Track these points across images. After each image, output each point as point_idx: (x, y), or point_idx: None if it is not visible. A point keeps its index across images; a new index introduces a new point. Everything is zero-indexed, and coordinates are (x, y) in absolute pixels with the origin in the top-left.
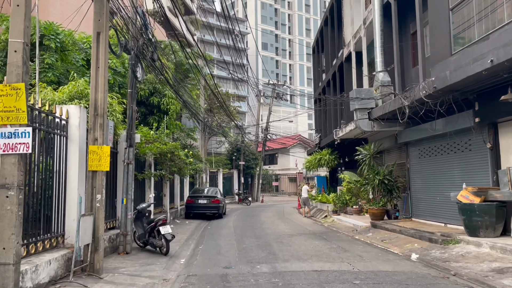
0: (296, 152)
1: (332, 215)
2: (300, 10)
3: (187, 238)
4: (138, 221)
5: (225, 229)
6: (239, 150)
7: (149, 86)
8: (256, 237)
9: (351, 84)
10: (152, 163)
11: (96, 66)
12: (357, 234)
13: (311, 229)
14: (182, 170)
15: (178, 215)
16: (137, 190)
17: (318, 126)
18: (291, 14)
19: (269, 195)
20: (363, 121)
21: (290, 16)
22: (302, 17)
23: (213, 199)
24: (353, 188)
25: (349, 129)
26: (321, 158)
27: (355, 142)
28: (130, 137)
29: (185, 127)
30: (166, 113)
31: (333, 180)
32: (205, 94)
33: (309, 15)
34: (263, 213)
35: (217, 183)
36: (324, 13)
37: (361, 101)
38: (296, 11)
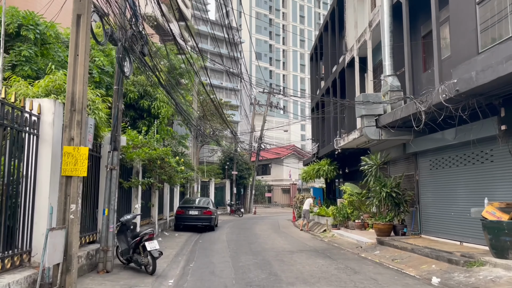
0: (290, 162)
1: (332, 230)
2: (295, 21)
3: (177, 253)
4: (122, 234)
5: (218, 243)
6: (232, 159)
7: (139, 88)
8: (253, 253)
9: (353, 90)
10: (140, 170)
11: (75, 53)
12: (363, 252)
13: (312, 245)
14: (172, 179)
15: (167, 227)
16: (122, 200)
17: (315, 135)
18: (286, 24)
19: (262, 207)
20: (370, 129)
21: (285, 26)
22: (296, 28)
23: (204, 210)
24: (355, 201)
25: (352, 137)
26: (319, 168)
27: (356, 153)
28: (114, 139)
29: (177, 134)
30: (156, 117)
31: (330, 192)
32: (198, 99)
33: (304, 26)
34: (257, 226)
35: (208, 193)
36: (324, 18)
37: (368, 107)
38: (291, 22)
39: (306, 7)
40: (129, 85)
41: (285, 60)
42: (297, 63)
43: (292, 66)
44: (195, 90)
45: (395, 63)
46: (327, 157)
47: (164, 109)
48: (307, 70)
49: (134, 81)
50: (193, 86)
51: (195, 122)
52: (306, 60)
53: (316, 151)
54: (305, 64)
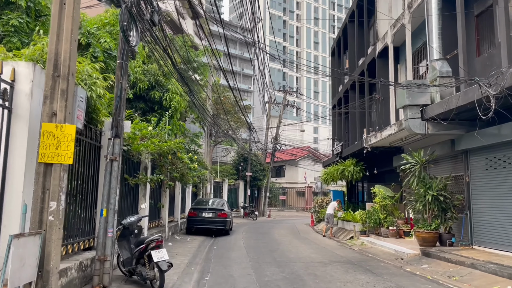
0: (305, 164)
1: (360, 237)
2: (309, 23)
3: (189, 262)
4: (124, 240)
5: (236, 250)
6: (246, 159)
7: (150, 78)
8: (278, 264)
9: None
10: (148, 165)
11: (61, 1)
12: (407, 265)
13: (343, 255)
14: (185, 177)
15: (178, 230)
16: (127, 199)
17: (337, 134)
18: (300, 26)
19: (276, 210)
20: (415, 122)
21: (299, 28)
22: (310, 30)
23: (219, 212)
24: (388, 206)
25: (388, 133)
26: (344, 169)
27: (387, 152)
28: (116, 124)
29: (189, 132)
30: (168, 110)
31: (352, 195)
32: (212, 96)
33: (318, 28)
34: (274, 230)
35: (222, 194)
36: (350, 8)
37: (412, 97)
38: (305, 24)
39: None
40: (139, 74)
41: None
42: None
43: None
44: (210, 82)
45: (444, 45)
46: (352, 157)
47: (176, 99)
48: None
49: (145, 70)
50: (207, 82)
51: (209, 119)
52: (320, 61)
53: (340, 150)
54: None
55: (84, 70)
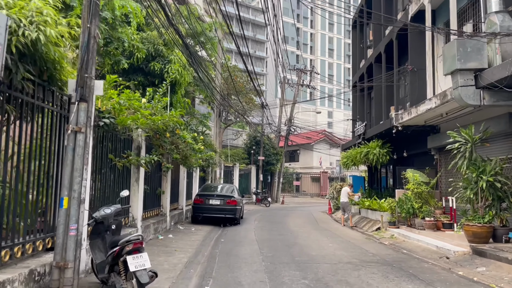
0: (320, 149)
1: (389, 228)
2: (323, 29)
3: (189, 261)
4: (98, 238)
5: (246, 244)
6: (258, 143)
7: (148, 46)
8: (298, 265)
9: (420, 51)
10: (142, 144)
11: None
12: (456, 267)
13: (374, 252)
14: (188, 159)
15: (183, 219)
16: (115, 185)
17: (359, 114)
18: (314, 33)
19: (290, 196)
20: (467, 90)
21: (313, 35)
22: (325, 36)
23: (228, 199)
24: (424, 193)
25: (425, 108)
26: (368, 152)
27: (419, 132)
28: (82, 83)
29: (198, 112)
30: (170, 83)
31: (373, 180)
32: (222, 72)
33: (333, 34)
34: (289, 219)
35: (232, 179)
36: None
37: (465, 59)
38: (319, 30)
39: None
40: (137, 41)
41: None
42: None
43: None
44: (220, 54)
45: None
46: (377, 138)
47: (179, 71)
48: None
49: (143, 37)
50: (216, 59)
51: (218, 97)
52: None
53: (363, 131)
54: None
55: (30, 3)
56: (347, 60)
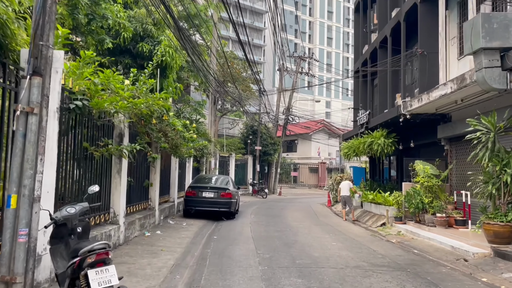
0: (319, 139)
1: (395, 223)
2: (322, 17)
3: (176, 263)
4: (60, 244)
5: (241, 243)
6: (255, 132)
7: (136, 25)
8: (300, 270)
9: (430, 33)
10: (125, 132)
11: None
12: (478, 271)
13: (383, 253)
14: (178, 149)
15: (175, 212)
16: (92, 178)
17: (362, 102)
18: (312, 21)
19: (287, 187)
20: (492, 72)
21: (311, 23)
22: (324, 24)
23: (223, 191)
24: (435, 187)
25: (439, 94)
26: (372, 142)
27: (428, 121)
28: (38, 53)
29: (192, 100)
30: (161, 66)
31: (375, 172)
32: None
33: (332, 22)
34: (288, 212)
35: (228, 170)
36: None
37: (491, 36)
38: (318, 18)
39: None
40: (123, 19)
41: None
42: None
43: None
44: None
45: None
46: (382, 127)
47: (170, 53)
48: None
49: (130, 16)
50: (211, 41)
51: (213, 84)
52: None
53: (366, 120)
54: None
55: None
56: (346, 49)
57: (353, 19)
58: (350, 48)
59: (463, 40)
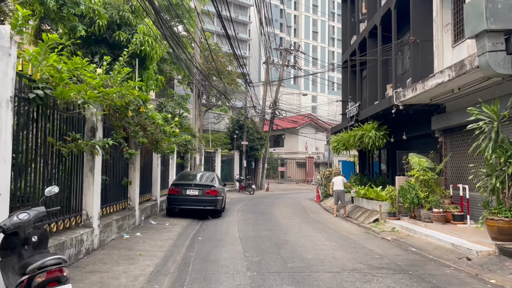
0: (306, 133)
1: (388, 219)
2: (307, 11)
3: (155, 270)
4: (12, 255)
5: (228, 244)
6: (241, 127)
7: (112, 12)
8: (292, 275)
9: (424, 19)
10: (98, 125)
11: None
12: (484, 272)
13: (380, 252)
14: (159, 144)
15: (157, 211)
16: (60, 177)
17: (350, 94)
18: (298, 15)
19: (274, 182)
20: (496, 56)
21: (296, 17)
22: (309, 18)
23: (208, 189)
24: (430, 180)
25: (435, 83)
26: (363, 134)
27: (421, 112)
28: None
29: (175, 94)
30: (139, 57)
31: (364, 166)
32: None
33: (317, 16)
34: (276, 209)
35: (214, 166)
36: None
37: (495, 18)
38: (303, 12)
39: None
40: (98, 5)
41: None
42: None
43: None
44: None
45: None
46: (373, 119)
47: (150, 42)
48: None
49: (106, 2)
50: (194, 32)
51: (197, 77)
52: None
53: (356, 112)
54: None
55: None
56: (331, 43)
57: (341, 8)
58: (336, 42)
59: (457, 27)
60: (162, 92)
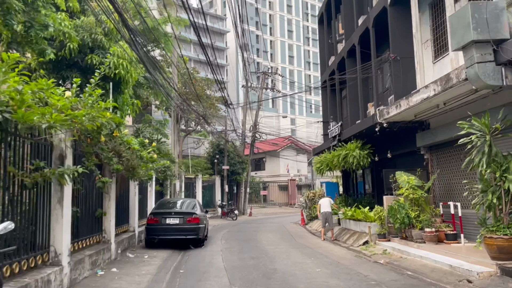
0: (287, 155)
1: (379, 241)
2: (283, 36)
3: None
4: None
5: (212, 277)
6: (222, 151)
7: (84, 35)
8: None
9: (403, 36)
10: (67, 152)
11: None
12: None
13: (375, 277)
14: (135, 171)
15: (135, 243)
16: (25, 211)
17: (331, 114)
18: (273, 40)
19: (257, 206)
20: (485, 68)
21: (272, 42)
22: (285, 43)
23: (189, 217)
24: (421, 199)
25: (420, 98)
26: (347, 154)
27: (406, 129)
28: None
29: (153, 120)
30: (113, 80)
31: (348, 186)
32: (178, 76)
33: (292, 41)
34: (261, 235)
35: (195, 192)
36: None
37: (482, 28)
38: (279, 37)
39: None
40: (68, 28)
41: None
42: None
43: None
44: (175, 54)
45: None
46: (356, 138)
47: (124, 65)
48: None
49: (77, 25)
50: (171, 57)
51: (175, 101)
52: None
53: (338, 132)
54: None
55: None
56: (307, 67)
57: (317, 30)
58: (312, 66)
59: (437, 43)
60: (139, 118)
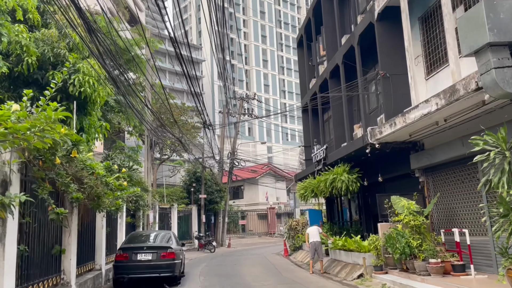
0: (266, 183)
1: (375, 274)
2: (258, 65)
3: None
4: None
5: None
6: (198, 179)
7: (45, 49)
8: None
9: (393, 52)
10: (12, 178)
11: None
12: None
13: None
14: (100, 200)
15: (102, 283)
16: None
17: (314, 137)
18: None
19: (236, 237)
20: (504, 74)
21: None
22: (260, 72)
23: (164, 251)
24: (423, 226)
25: (419, 114)
26: (335, 178)
27: (398, 151)
28: None
29: (126, 146)
30: (78, 99)
31: (333, 214)
32: (153, 99)
33: (267, 70)
34: (243, 268)
35: (170, 224)
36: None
37: (499, 29)
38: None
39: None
40: (27, 40)
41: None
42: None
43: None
44: (150, 74)
45: None
46: (343, 162)
47: (91, 83)
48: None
49: (36, 38)
50: (145, 79)
51: (148, 126)
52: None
53: (323, 155)
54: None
55: None
56: (282, 96)
57: (297, 54)
58: (287, 94)
59: (429, 58)
60: (111, 145)
